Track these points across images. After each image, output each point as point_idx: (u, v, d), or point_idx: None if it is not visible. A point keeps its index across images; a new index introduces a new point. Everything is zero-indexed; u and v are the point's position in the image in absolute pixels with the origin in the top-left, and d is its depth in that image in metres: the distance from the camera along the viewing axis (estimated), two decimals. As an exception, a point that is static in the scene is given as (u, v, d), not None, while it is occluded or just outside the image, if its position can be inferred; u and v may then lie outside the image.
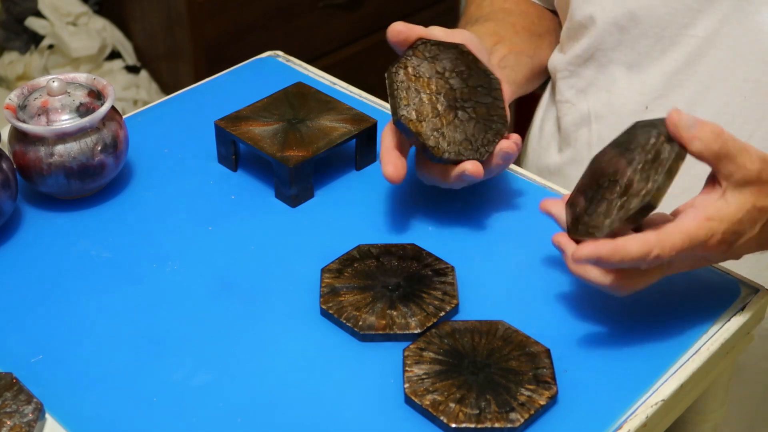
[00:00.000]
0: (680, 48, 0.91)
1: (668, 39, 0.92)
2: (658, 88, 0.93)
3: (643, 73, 0.94)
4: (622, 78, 0.96)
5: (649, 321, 0.75)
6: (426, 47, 0.83)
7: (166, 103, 1.04)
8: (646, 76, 0.94)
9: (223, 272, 0.81)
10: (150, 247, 0.83)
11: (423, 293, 0.76)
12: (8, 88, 1.97)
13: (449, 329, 0.73)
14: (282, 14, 1.94)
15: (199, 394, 0.70)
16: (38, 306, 0.77)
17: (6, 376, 0.69)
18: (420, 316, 0.74)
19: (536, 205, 0.87)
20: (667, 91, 0.93)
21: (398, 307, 0.75)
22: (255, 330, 0.75)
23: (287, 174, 0.86)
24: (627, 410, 0.68)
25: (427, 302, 0.75)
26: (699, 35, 0.90)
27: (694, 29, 0.90)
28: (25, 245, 0.84)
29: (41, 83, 0.88)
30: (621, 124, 0.95)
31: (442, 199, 0.88)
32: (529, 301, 0.78)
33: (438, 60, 0.83)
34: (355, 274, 0.78)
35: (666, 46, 0.92)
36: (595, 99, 0.99)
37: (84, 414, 0.69)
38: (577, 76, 1.00)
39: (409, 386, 0.69)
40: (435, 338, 0.72)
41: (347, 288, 0.77)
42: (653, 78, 0.94)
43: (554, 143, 1.07)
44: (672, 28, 0.91)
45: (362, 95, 1.02)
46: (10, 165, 0.84)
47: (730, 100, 0.90)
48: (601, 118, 0.98)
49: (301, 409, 0.69)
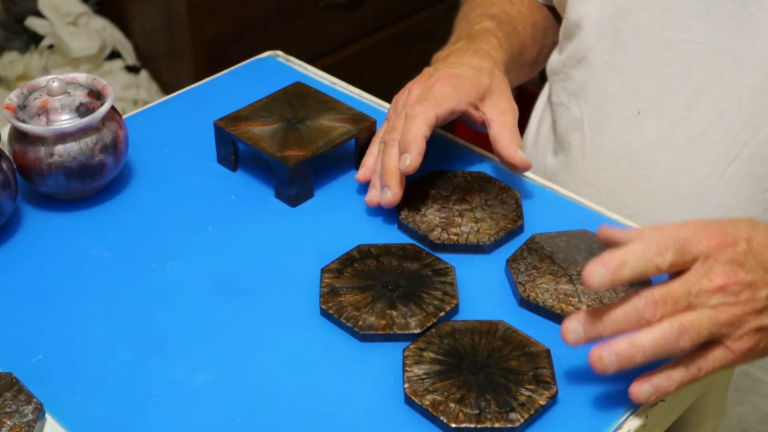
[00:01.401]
0: (674, 53, 0.90)
1: (662, 43, 0.91)
2: (652, 93, 0.92)
3: (636, 78, 0.93)
4: (614, 82, 0.95)
5: (649, 321, 0.75)
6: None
7: (166, 103, 1.04)
8: (639, 81, 0.93)
9: (223, 272, 0.81)
10: (150, 247, 0.83)
11: (423, 293, 0.76)
12: (8, 88, 1.97)
13: (449, 329, 0.73)
14: (282, 14, 1.94)
15: (199, 394, 0.70)
16: (38, 306, 0.77)
17: (6, 376, 0.69)
18: (420, 316, 0.74)
19: (534, 204, 0.87)
20: (661, 96, 0.92)
21: (398, 307, 0.75)
22: (255, 330, 0.75)
23: (287, 174, 0.86)
24: (627, 410, 0.69)
25: (426, 302, 0.75)
26: (694, 40, 0.89)
27: (689, 34, 0.89)
28: (25, 245, 0.84)
29: (41, 83, 0.88)
30: (615, 130, 0.95)
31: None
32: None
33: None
34: (355, 274, 0.78)
35: (660, 50, 0.91)
36: (587, 103, 0.98)
37: (84, 414, 0.69)
38: (570, 78, 1.00)
39: (409, 386, 0.69)
40: (435, 338, 0.72)
41: (347, 288, 0.77)
42: (646, 83, 0.93)
43: (550, 146, 1.06)
44: (666, 32, 0.90)
45: (362, 95, 1.02)
46: (10, 165, 0.84)
47: (726, 106, 0.89)
48: (594, 123, 0.98)
49: (301, 409, 0.69)
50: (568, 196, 0.89)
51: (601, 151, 0.97)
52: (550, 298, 0.76)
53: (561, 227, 0.83)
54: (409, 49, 2.20)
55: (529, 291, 0.76)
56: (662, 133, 0.93)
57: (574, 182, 1.00)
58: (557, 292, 0.76)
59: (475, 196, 0.86)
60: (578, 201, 0.88)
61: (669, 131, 0.92)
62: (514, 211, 0.84)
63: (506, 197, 0.86)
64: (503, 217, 0.83)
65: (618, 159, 0.96)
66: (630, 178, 0.95)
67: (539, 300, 0.76)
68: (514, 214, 0.84)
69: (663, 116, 0.92)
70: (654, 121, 0.93)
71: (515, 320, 0.75)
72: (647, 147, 0.93)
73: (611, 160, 0.96)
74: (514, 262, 0.79)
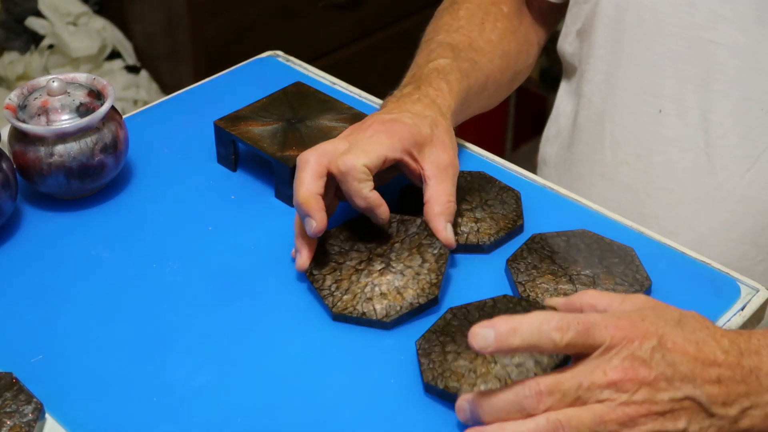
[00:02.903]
0: (698, 52, 0.89)
1: (686, 41, 0.89)
2: (673, 92, 0.91)
3: (659, 75, 0.92)
4: (637, 77, 0.94)
5: (649, 321, 0.75)
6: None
7: (166, 103, 1.04)
8: (662, 78, 0.92)
9: (223, 272, 0.81)
10: (150, 247, 0.83)
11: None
12: (8, 88, 1.97)
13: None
14: (282, 14, 1.94)
15: (199, 394, 0.70)
16: (38, 306, 0.77)
17: (6, 376, 0.69)
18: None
19: (534, 204, 0.87)
20: (682, 96, 0.91)
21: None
22: (255, 330, 0.75)
23: (287, 174, 0.86)
24: (627, 410, 0.68)
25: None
26: (718, 41, 0.87)
27: (714, 34, 0.88)
28: (25, 245, 0.84)
29: (41, 83, 0.88)
30: (635, 126, 0.94)
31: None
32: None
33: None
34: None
35: (683, 48, 0.90)
36: (610, 96, 0.97)
37: (84, 414, 0.69)
38: (595, 69, 0.98)
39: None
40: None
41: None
42: (668, 80, 0.91)
43: (567, 137, 1.05)
44: (691, 30, 0.89)
45: (362, 95, 1.02)
46: (10, 165, 0.84)
47: (747, 111, 0.88)
48: (615, 117, 0.96)
49: (302, 409, 0.69)
50: (568, 196, 0.89)
51: (622, 146, 0.96)
52: (551, 297, 0.76)
53: (561, 227, 0.83)
54: (409, 49, 2.20)
55: (529, 291, 0.76)
56: (681, 133, 0.92)
57: (591, 175, 0.99)
58: (557, 292, 0.76)
59: (475, 196, 0.85)
60: (578, 201, 0.88)
61: (689, 131, 0.91)
62: (514, 211, 0.84)
63: (506, 197, 0.86)
64: (503, 217, 0.83)
65: (637, 155, 0.95)
66: (648, 175, 0.95)
67: (539, 300, 0.76)
68: (514, 214, 0.84)
69: (683, 116, 0.91)
70: (674, 120, 0.92)
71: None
72: (666, 145, 0.93)
73: (631, 155, 0.95)
74: (514, 262, 0.79)
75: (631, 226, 0.84)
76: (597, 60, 0.98)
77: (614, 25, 0.95)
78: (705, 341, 0.63)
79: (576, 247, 0.80)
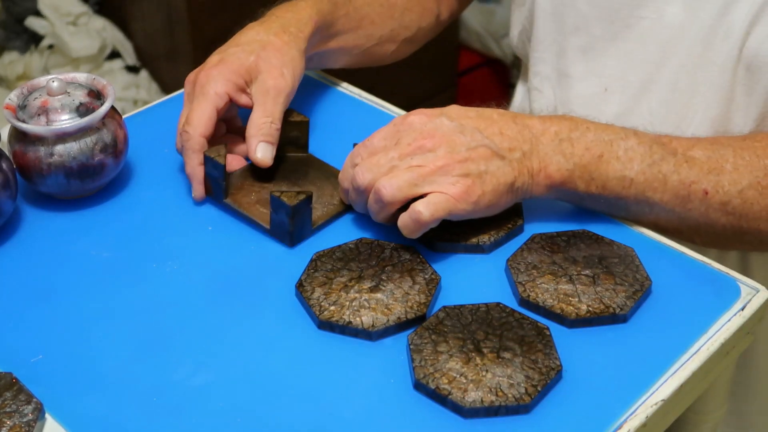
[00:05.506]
0: (632, 29, 0.94)
1: (621, 21, 0.94)
2: (615, 70, 0.96)
3: (600, 56, 0.97)
4: (579, 62, 0.98)
5: (649, 321, 0.75)
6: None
7: (166, 103, 1.04)
8: (603, 58, 0.97)
9: (223, 272, 0.81)
10: (150, 247, 0.83)
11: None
12: (8, 88, 1.98)
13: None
14: (282, 14, 1.94)
15: (199, 394, 0.70)
16: (38, 306, 0.77)
17: (6, 376, 0.69)
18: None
19: (534, 204, 0.87)
20: (624, 72, 0.95)
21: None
22: (255, 329, 0.75)
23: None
24: (627, 410, 0.68)
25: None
26: (649, 16, 0.93)
27: (645, 11, 0.93)
28: (25, 245, 0.84)
29: (41, 83, 0.88)
30: (582, 107, 0.98)
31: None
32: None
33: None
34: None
35: (619, 28, 0.94)
36: (558, 86, 1.01)
37: (84, 414, 0.69)
38: (542, 62, 1.02)
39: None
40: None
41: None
42: (610, 59, 0.96)
43: None
44: (624, 10, 0.94)
45: (362, 95, 1.02)
46: (9, 165, 0.84)
47: (679, 76, 0.92)
48: (565, 103, 1.00)
49: (303, 409, 0.69)
50: (568, 196, 0.89)
51: None
52: (550, 298, 0.76)
53: (561, 227, 0.83)
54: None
55: (529, 291, 0.76)
56: (625, 107, 0.96)
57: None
58: (557, 292, 0.76)
59: None
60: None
61: (631, 105, 0.96)
62: (514, 211, 0.84)
63: None
64: (503, 217, 0.83)
65: None
66: None
67: (539, 300, 0.76)
68: (514, 214, 0.84)
69: (626, 91, 0.96)
70: (618, 97, 0.96)
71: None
72: (612, 121, 0.94)
73: None
74: (514, 262, 0.79)
75: (631, 226, 0.84)
76: (542, 53, 1.02)
77: (552, 18, 0.99)
78: (482, 110, 0.80)
79: (576, 247, 0.80)
